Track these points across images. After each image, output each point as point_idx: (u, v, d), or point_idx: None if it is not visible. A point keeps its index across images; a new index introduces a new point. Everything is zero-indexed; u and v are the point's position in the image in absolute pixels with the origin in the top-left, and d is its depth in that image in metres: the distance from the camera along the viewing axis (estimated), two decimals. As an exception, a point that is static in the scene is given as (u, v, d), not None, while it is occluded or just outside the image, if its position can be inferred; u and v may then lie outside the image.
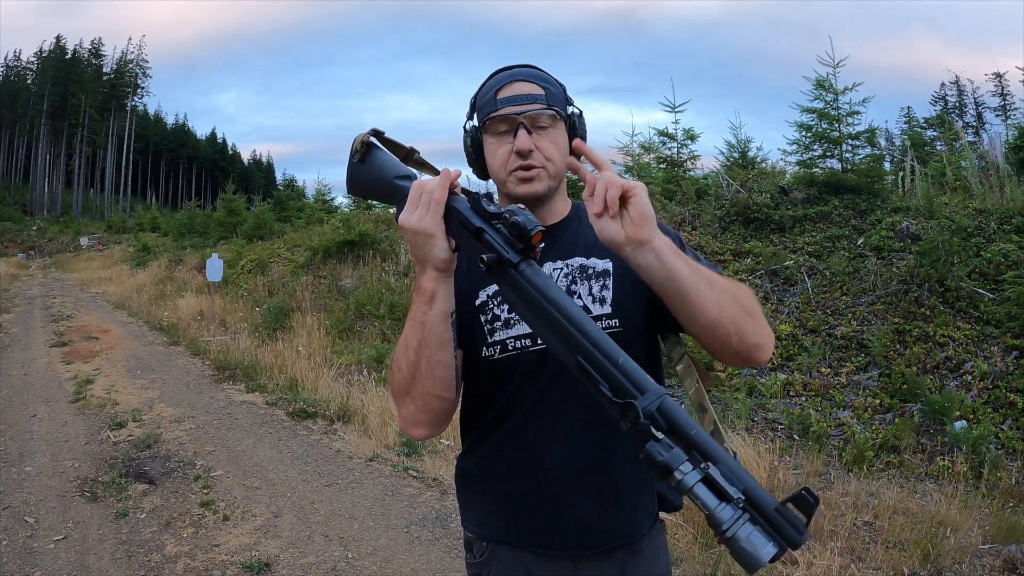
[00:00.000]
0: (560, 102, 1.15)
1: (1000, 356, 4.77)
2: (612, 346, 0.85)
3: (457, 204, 0.99)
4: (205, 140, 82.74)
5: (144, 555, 3.25)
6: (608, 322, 1.12)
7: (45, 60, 61.21)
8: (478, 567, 1.22)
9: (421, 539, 3.48)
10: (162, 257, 18.47)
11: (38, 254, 32.95)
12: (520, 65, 1.18)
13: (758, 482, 0.74)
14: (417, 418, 1.09)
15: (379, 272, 10.27)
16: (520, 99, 1.11)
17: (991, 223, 6.03)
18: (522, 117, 1.11)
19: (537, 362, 1.12)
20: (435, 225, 0.97)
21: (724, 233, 7.26)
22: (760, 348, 1.03)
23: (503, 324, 1.14)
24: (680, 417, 0.77)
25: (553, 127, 1.13)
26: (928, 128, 17.65)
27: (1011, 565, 2.99)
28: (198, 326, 9.96)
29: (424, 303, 1.03)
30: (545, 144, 1.12)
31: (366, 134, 1.16)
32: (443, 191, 0.98)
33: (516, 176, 1.13)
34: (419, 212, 0.98)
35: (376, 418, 5.23)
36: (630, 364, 0.83)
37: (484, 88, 1.18)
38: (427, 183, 1.00)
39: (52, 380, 6.88)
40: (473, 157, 1.21)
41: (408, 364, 1.06)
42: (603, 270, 1.16)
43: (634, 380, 0.81)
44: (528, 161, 1.11)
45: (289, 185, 46.00)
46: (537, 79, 1.14)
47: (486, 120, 1.14)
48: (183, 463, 4.49)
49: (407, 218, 0.99)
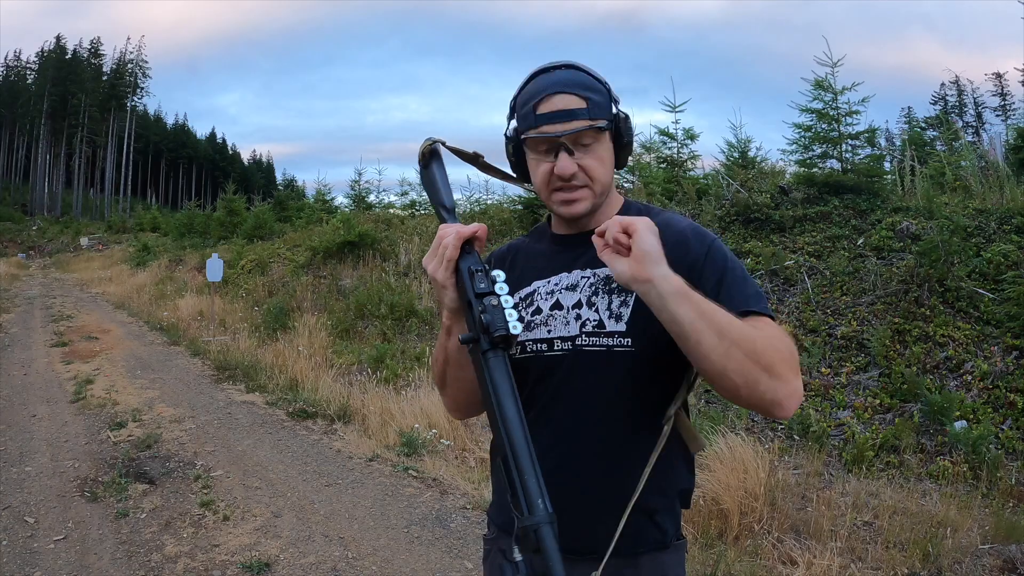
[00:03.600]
0: (604, 110, 1.09)
1: (1000, 356, 4.77)
2: (527, 462, 0.88)
3: (464, 265, 1.01)
4: (205, 140, 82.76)
5: (144, 555, 3.25)
6: (620, 340, 1.09)
7: (45, 60, 61.22)
8: (489, 543, 1.27)
9: (421, 539, 3.48)
10: (162, 257, 18.49)
11: (38, 254, 32.96)
12: (560, 65, 1.11)
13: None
14: (452, 407, 1.27)
15: (379, 272, 10.28)
16: (560, 116, 1.06)
17: (991, 223, 6.03)
18: (564, 138, 1.07)
19: (551, 368, 1.13)
20: (446, 279, 1.01)
21: (724, 233, 7.26)
22: (776, 405, 0.97)
23: (525, 326, 1.15)
24: (550, 547, 0.82)
25: (597, 141, 1.09)
26: (928, 128, 17.64)
27: (1011, 565, 2.99)
28: (198, 326, 9.96)
29: (444, 333, 1.13)
30: (589, 162, 1.09)
31: (426, 144, 1.16)
32: (455, 250, 1.00)
33: (559, 197, 1.12)
34: (434, 263, 1.02)
35: (376, 418, 5.23)
36: (531, 484, 0.86)
37: (524, 93, 1.12)
38: (447, 233, 1.01)
39: (52, 380, 6.88)
40: (515, 163, 1.19)
41: (439, 372, 1.21)
42: None
43: (528, 498, 0.85)
44: (571, 183, 1.09)
45: (289, 185, 46.04)
46: (579, 88, 1.08)
47: (526, 137, 1.10)
48: (183, 463, 4.50)
49: (426, 263, 1.04)
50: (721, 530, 3.32)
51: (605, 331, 1.10)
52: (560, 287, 1.17)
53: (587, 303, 1.13)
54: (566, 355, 1.12)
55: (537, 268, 1.21)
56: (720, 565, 2.98)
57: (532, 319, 1.16)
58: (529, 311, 1.17)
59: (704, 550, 3.15)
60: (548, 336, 1.14)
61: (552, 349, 1.13)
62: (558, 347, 1.13)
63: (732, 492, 3.36)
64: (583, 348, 1.11)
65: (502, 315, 0.94)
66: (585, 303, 1.13)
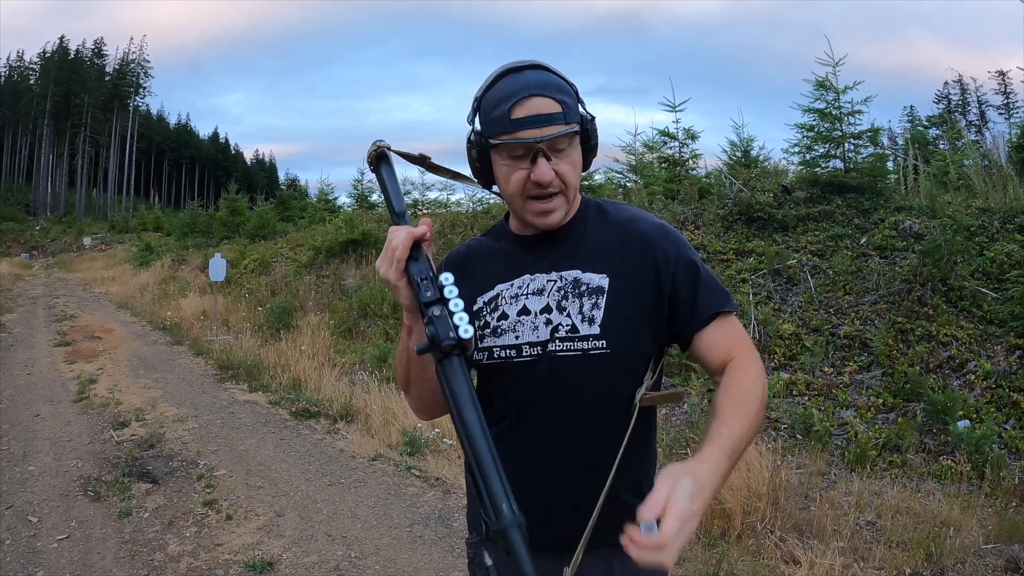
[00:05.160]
0: (575, 113, 1.08)
1: (1003, 355, 4.76)
2: (490, 467, 0.86)
3: (413, 267, 0.99)
4: (208, 140, 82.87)
5: (147, 554, 3.26)
6: (595, 343, 1.09)
7: (48, 60, 61.35)
8: (473, 548, 1.29)
9: (424, 538, 3.48)
10: (165, 257, 18.51)
11: (41, 254, 33.03)
12: (529, 65, 1.08)
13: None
14: (417, 407, 1.25)
15: (381, 272, 10.27)
16: (537, 121, 1.03)
17: (994, 222, 6.02)
18: (541, 143, 1.04)
19: (522, 374, 1.12)
20: (397, 279, 0.99)
21: (727, 232, 7.25)
22: None
23: (492, 332, 1.14)
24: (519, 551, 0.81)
25: (570, 146, 1.08)
26: (931, 127, 17.62)
27: (1014, 565, 2.98)
28: (201, 326, 9.98)
29: (405, 333, 1.10)
30: (564, 168, 1.07)
31: (372, 149, 1.12)
32: (404, 250, 0.98)
33: (535, 207, 1.09)
34: (385, 265, 1.00)
35: (379, 417, 5.23)
36: (496, 489, 0.85)
37: (492, 94, 1.08)
38: (396, 236, 0.99)
39: (55, 380, 6.89)
40: (479, 168, 1.14)
41: (403, 374, 1.19)
42: (597, 287, 1.11)
43: (494, 503, 0.84)
44: (548, 190, 1.07)
45: (292, 185, 46.05)
46: (552, 91, 1.05)
47: (499, 142, 1.06)
48: (186, 462, 4.50)
49: (378, 266, 1.02)
50: (724, 529, 3.32)
51: (579, 335, 1.09)
52: (525, 291, 1.15)
53: (557, 307, 1.12)
54: (537, 360, 1.11)
55: (499, 271, 1.18)
56: (723, 564, 2.98)
57: (499, 324, 1.14)
58: (495, 316, 1.15)
59: (707, 549, 3.15)
60: (516, 342, 1.12)
61: (521, 355, 1.11)
62: (527, 352, 1.11)
63: (735, 491, 3.36)
64: (556, 353, 1.10)
65: (446, 324, 0.91)
66: (555, 307, 1.12)
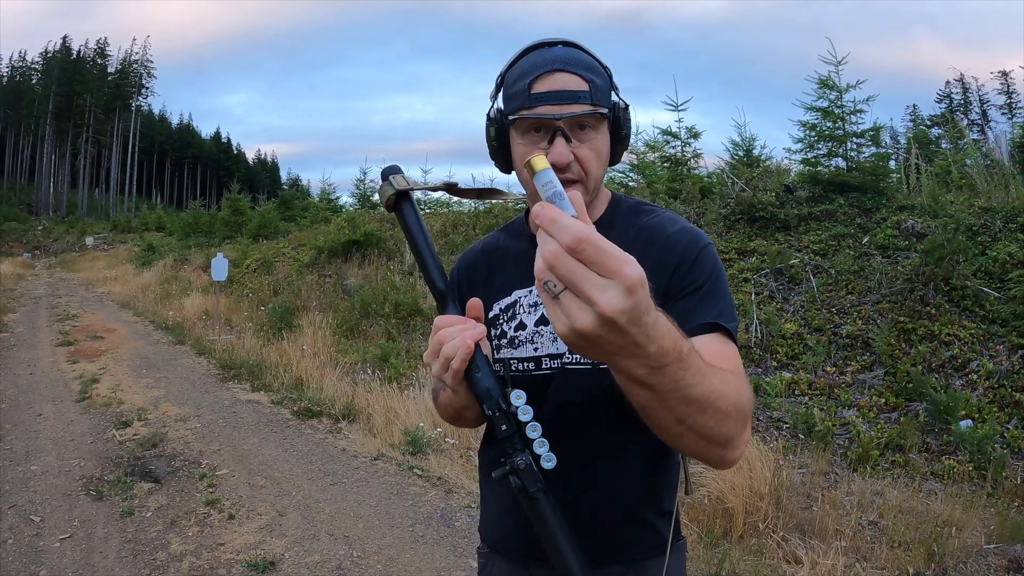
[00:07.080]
0: (606, 96, 0.99)
1: (1006, 355, 4.75)
2: None
3: (475, 379, 0.88)
4: (210, 140, 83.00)
5: (149, 554, 3.26)
6: (574, 356, 1.03)
7: (50, 61, 61.52)
8: (484, 557, 1.22)
9: (426, 538, 3.48)
10: (167, 257, 18.56)
11: (43, 254, 33.10)
12: (559, 42, 1.00)
13: None
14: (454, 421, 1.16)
15: (384, 271, 10.28)
16: (559, 96, 0.95)
17: (996, 221, 6.01)
18: (561, 121, 0.95)
19: (540, 387, 1.06)
20: (455, 385, 0.89)
21: (729, 231, 7.24)
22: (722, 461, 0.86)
23: (508, 342, 1.10)
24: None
25: (596, 130, 0.99)
26: (933, 126, 17.58)
27: (1016, 565, 2.98)
28: (203, 325, 9.99)
29: (446, 393, 1.04)
30: (584, 153, 0.98)
31: (389, 192, 0.94)
32: (462, 364, 0.86)
33: None
34: (438, 368, 0.87)
35: (381, 417, 5.24)
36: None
37: (516, 69, 1.00)
38: (449, 338, 0.86)
39: (58, 379, 6.91)
40: (497, 149, 1.06)
41: (451, 416, 1.09)
42: None
43: None
44: (564, 175, 0.96)
45: (294, 185, 46.05)
46: (580, 68, 0.97)
47: (516, 118, 0.98)
48: (188, 462, 4.51)
49: (426, 361, 0.91)
50: (726, 529, 3.32)
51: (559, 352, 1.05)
52: None
53: None
54: (554, 373, 1.06)
55: (517, 274, 1.12)
56: (725, 564, 2.98)
57: (516, 335, 1.09)
58: (512, 325, 1.10)
59: (709, 549, 3.15)
60: (535, 354, 1.07)
61: (540, 368, 1.06)
62: (546, 365, 1.06)
63: (737, 491, 3.36)
64: (570, 367, 1.04)
65: (534, 475, 0.85)
66: None
